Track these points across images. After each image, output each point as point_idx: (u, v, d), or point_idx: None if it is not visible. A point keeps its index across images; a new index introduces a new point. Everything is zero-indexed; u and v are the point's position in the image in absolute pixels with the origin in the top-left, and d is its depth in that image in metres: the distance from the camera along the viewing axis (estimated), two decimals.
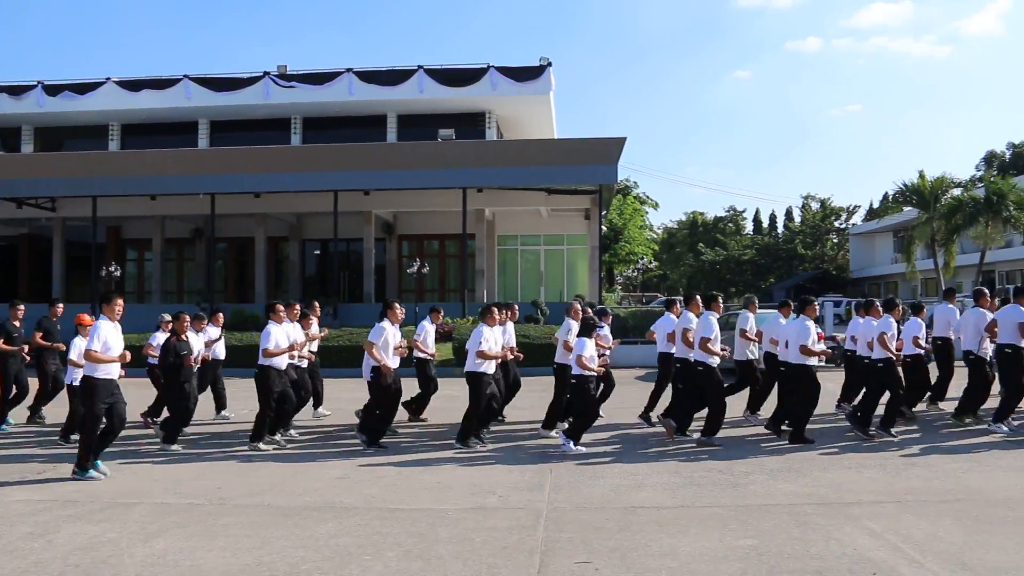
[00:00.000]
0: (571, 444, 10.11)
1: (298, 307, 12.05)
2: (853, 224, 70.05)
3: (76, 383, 10.16)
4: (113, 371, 8.97)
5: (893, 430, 10.80)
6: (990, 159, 70.19)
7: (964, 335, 12.24)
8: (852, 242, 66.42)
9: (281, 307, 11.09)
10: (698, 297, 11.43)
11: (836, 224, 71.36)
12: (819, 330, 11.58)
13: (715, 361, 10.71)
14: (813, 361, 10.63)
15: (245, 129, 35.37)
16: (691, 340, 10.80)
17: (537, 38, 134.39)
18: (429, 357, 12.35)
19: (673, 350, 11.62)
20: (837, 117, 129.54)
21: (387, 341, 10.61)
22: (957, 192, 38.56)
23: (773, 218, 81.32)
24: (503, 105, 34.63)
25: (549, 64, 33.12)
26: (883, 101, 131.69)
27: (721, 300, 11.88)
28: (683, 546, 6.17)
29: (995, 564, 5.66)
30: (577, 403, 10.45)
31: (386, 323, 10.72)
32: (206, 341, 12.91)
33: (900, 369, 11.26)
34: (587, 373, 10.15)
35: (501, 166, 28.47)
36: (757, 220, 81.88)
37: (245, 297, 34.17)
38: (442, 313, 13.28)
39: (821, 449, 10.11)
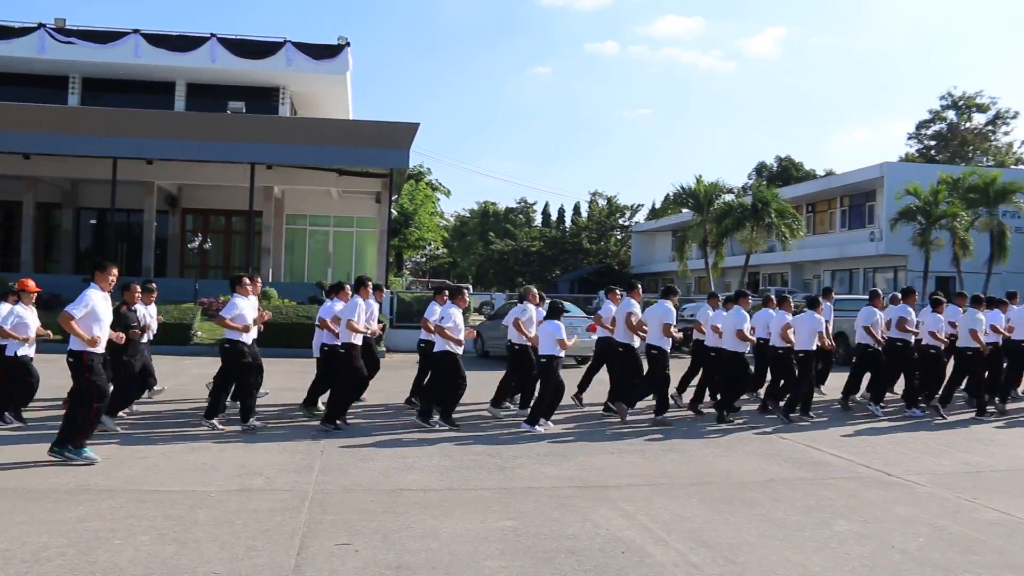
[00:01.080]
0: (540, 426, 10.77)
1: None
2: (636, 222, 73.33)
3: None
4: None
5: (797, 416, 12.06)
6: (760, 169, 75.08)
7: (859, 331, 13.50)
8: (634, 239, 69.51)
9: (248, 279, 10.71)
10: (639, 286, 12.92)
11: (620, 221, 74.46)
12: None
13: (668, 344, 11.84)
14: (746, 347, 11.96)
15: (16, 84, 32.60)
16: (633, 324, 12.03)
17: (337, 18, 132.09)
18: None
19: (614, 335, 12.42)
20: (628, 119, 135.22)
21: (242, 315, 10.22)
22: (729, 198, 41.02)
23: (562, 212, 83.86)
24: (298, 82, 33.84)
25: (347, 44, 32.64)
26: (671, 108, 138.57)
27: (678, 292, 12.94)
28: (445, 528, 6.29)
29: (730, 541, 6.12)
30: (544, 382, 10.99)
31: (239, 297, 10.41)
32: None
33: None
34: (558, 354, 10.85)
35: (293, 143, 27.73)
36: (546, 213, 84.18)
37: (9, 266, 31.70)
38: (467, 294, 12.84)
39: (590, 434, 10.57)
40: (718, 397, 12.37)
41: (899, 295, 13.83)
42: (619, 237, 74.15)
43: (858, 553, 5.90)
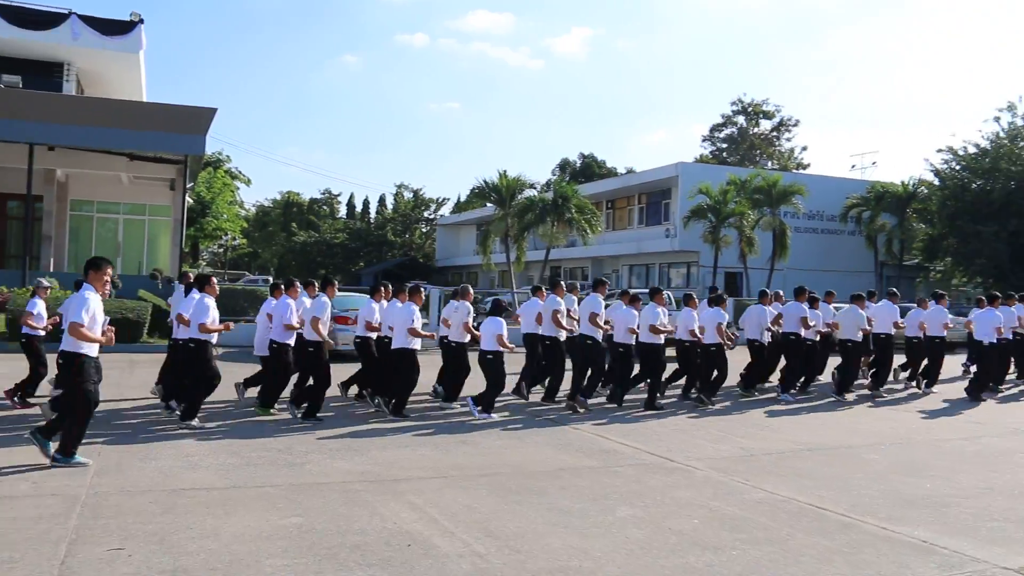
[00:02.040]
0: (480, 411, 11.48)
1: None
2: (441, 215, 73.57)
3: None
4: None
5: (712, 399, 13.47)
6: (564, 166, 77.04)
7: (748, 327, 14.83)
8: (439, 232, 69.76)
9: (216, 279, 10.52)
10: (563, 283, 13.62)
11: (426, 214, 74.54)
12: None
13: (600, 335, 12.82)
14: (661, 340, 12.87)
15: None
16: (560, 320, 12.89)
17: None
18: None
19: (539, 330, 13.19)
20: (436, 112, 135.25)
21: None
22: (531, 193, 41.76)
23: (367, 204, 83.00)
24: (85, 58, 31.68)
25: (140, 21, 30.84)
26: (480, 102, 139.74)
27: (607, 285, 13.94)
28: (227, 527, 6.06)
29: (516, 530, 6.20)
30: (491, 375, 11.66)
31: (207, 298, 10.21)
32: None
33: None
34: (501, 350, 11.67)
35: (78, 124, 25.88)
36: (351, 204, 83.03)
37: None
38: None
39: (393, 427, 10.50)
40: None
41: (780, 292, 16.22)
42: (424, 230, 74.23)
43: (637, 536, 6.12)
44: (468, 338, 12.11)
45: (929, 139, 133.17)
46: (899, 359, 15.89)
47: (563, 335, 13.19)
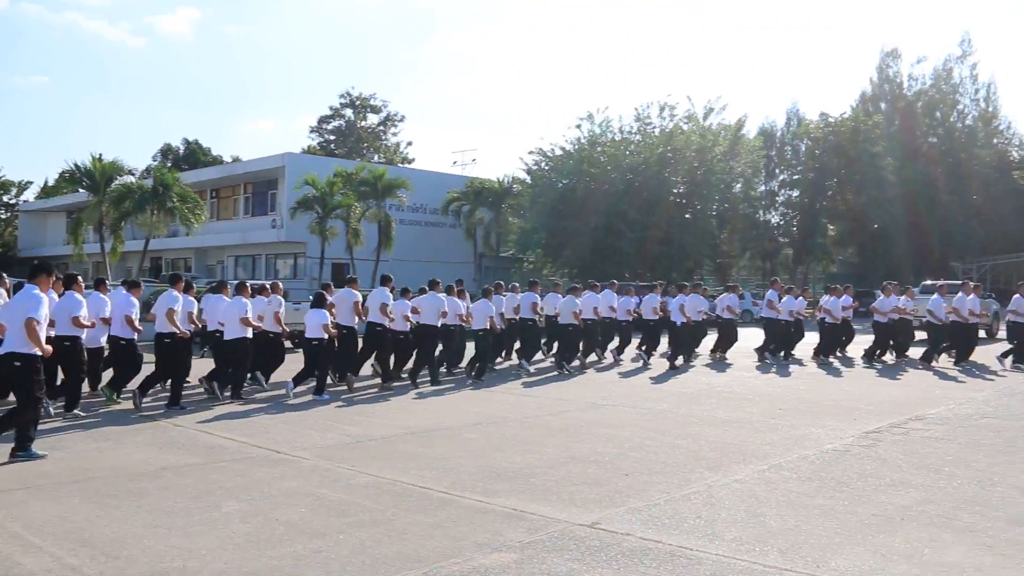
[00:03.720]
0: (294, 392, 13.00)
1: None
2: (24, 200, 66.73)
3: None
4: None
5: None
6: (166, 152, 73.26)
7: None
8: (22, 219, 63.28)
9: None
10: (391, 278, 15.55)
11: (5, 199, 67.18)
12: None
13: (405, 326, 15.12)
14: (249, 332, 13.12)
15: None
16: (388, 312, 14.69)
17: None
18: None
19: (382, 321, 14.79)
20: (21, 86, 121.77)
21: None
22: (129, 179, 39.30)
23: None
24: None
25: None
26: (72, 78, 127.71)
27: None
28: None
29: (114, 536, 5.87)
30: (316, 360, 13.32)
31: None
32: None
33: None
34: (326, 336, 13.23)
35: None
36: None
37: None
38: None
39: None
40: None
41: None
42: (4, 217, 66.89)
43: (244, 530, 6.05)
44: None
45: (524, 140, 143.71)
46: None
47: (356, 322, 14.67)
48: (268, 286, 15.16)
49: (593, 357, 19.16)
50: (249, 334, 12.96)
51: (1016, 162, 60.32)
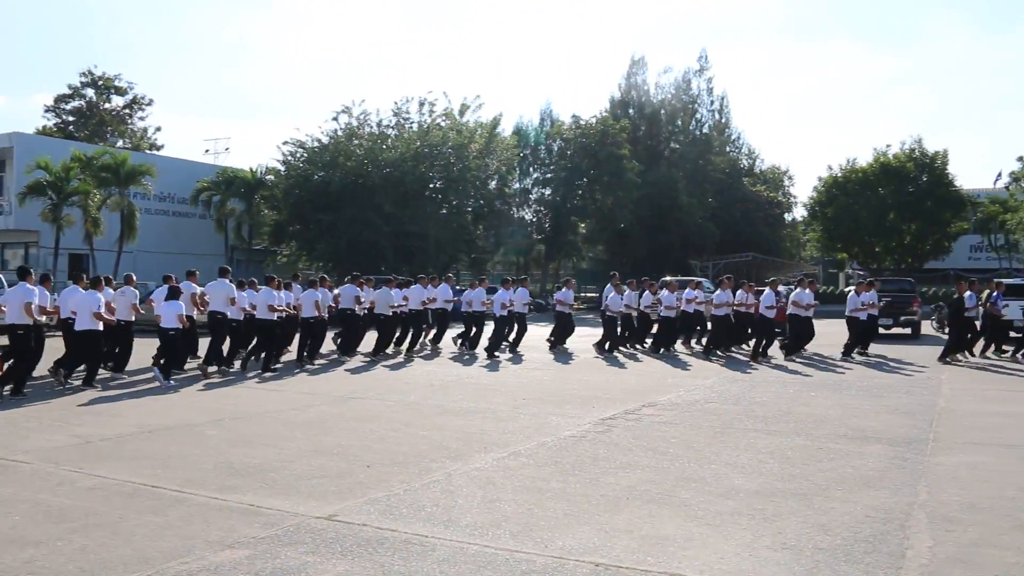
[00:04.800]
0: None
1: None
2: None
3: None
4: None
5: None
6: None
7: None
8: None
9: None
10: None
11: None
12: None
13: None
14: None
15: None
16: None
17: None
18: None
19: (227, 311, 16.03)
20: None
21: None
22: None
23: None
24: None
25: None
26: None
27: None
28: None
29: None
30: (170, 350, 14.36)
31: None
32: None
33: None
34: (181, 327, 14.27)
35: None
36: None
37: None
38: None
39: None
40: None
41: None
42: None
43: None
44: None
45: (280, 130, 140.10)
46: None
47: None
48: (125, 278, 16.26)
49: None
50: (100, 327, 13.54)
51: (745, 169, 65.65)
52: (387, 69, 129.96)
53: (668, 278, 23.92)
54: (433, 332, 21.15)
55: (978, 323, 19.12)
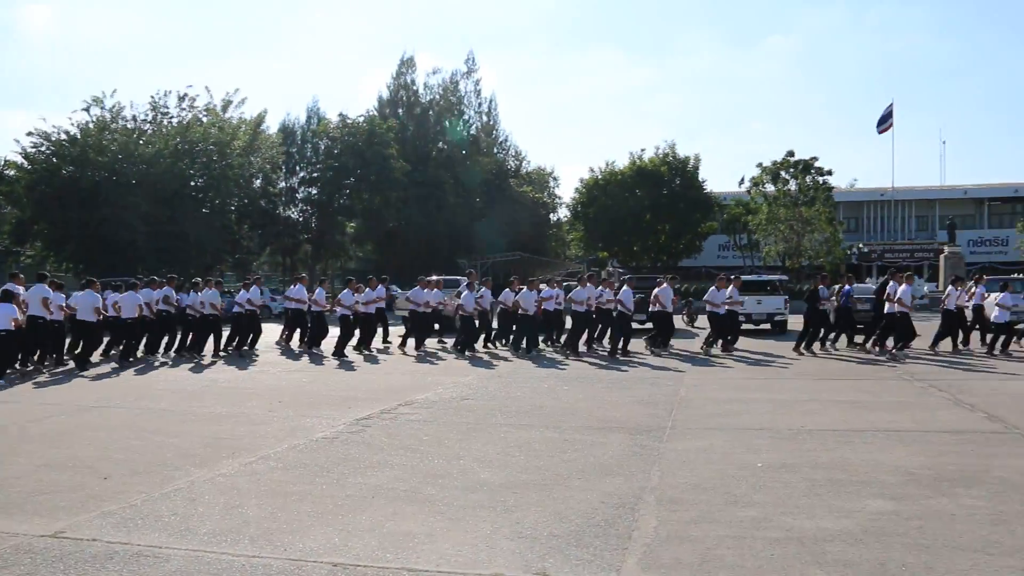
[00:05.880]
0: None
1: None
2: None
3: None
4: None
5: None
6: None
7: None
8: None
9: None
10: None
11: None
12: None
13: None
14: None
15: None
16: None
17: None
18: None
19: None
20: None
21: None
22: None
23: None
24: None
25: None
26: None
27: None
28: None
29: None
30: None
31: None
32: None
33: None
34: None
35: None
36: None
37: None
38: None
39: None
40: None
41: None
42: None
43: None
44: None
45: (22, 121, 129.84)
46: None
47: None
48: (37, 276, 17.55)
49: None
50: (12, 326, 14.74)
51: (512, 171, 67.30)
52: (143, 60, 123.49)
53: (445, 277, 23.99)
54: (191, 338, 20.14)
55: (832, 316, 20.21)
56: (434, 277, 23.36)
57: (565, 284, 24.23)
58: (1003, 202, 66.68)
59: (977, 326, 19.93)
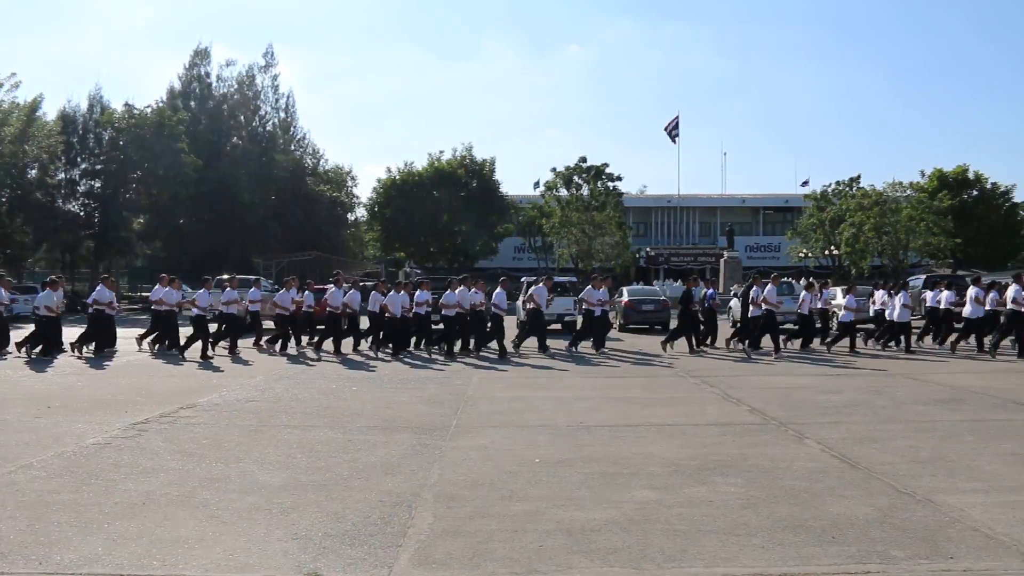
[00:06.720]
0: None
1: None
2: None
3: None
4: None
5: None
6: None
7: None
8: None
9: None
10: None
11: None
12: None
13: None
14: None
15: None
16: None
17: None
18: None
19: None
20: None
21: None
22: None
23: None
24: None
25: None
26: None
27: None
28: None
29: None
30: None
31: None
32: None
33: None
34: None
35: None
36: None
37: None
38: None
39: None
40: None
41: None
42: None
43: None
44: None
45: None
46: None
47: None
48: None
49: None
50: None
51: (309, 169, 66.13)
52: None
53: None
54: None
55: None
56: (226, 276, 22.64)
57: (362, 285, 24.25)
58: (776, 211, 71.94)
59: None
